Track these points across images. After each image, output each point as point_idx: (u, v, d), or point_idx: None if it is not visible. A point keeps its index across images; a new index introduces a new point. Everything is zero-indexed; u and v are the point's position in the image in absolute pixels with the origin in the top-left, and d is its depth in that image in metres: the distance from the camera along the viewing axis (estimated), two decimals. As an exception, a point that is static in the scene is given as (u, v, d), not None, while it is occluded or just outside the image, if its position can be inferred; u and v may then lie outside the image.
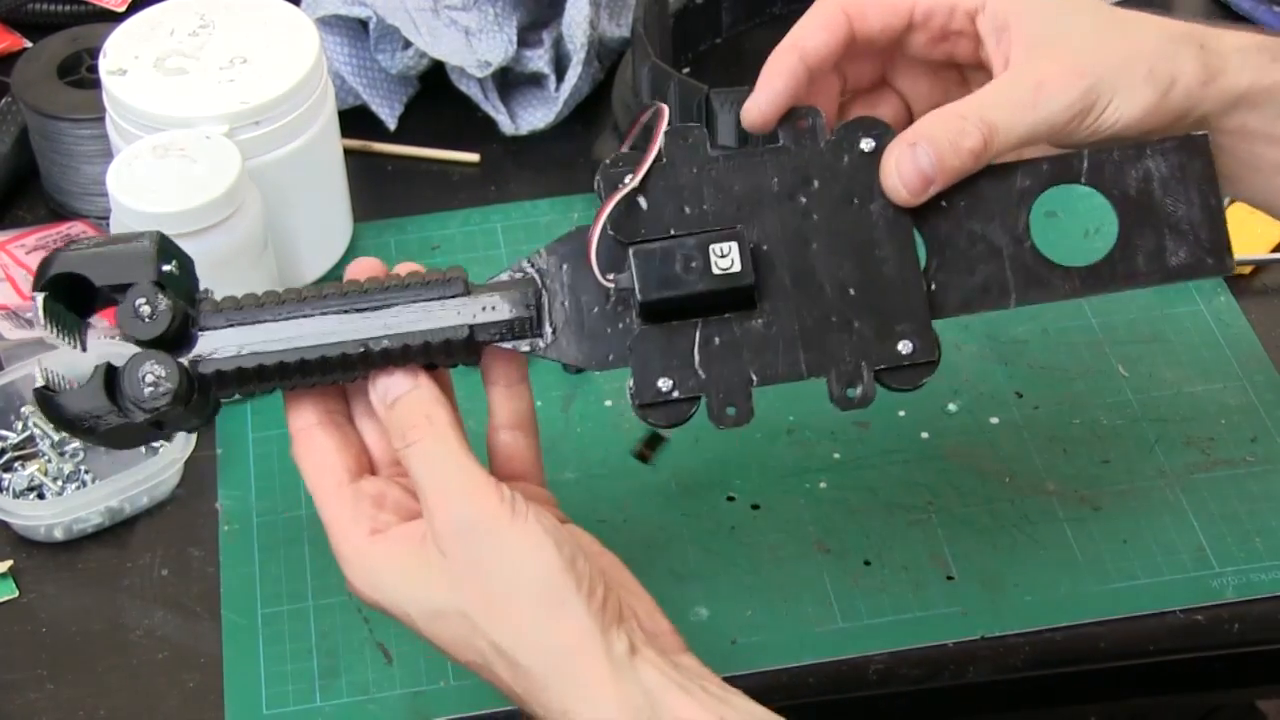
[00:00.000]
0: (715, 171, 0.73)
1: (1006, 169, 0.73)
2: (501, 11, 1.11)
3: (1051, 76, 0.73)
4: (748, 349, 0.72)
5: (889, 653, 0.85)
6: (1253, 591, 0.87)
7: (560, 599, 0.67)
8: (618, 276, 0.71)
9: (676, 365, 0.71)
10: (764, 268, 0.72)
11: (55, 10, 1.23)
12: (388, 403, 0.71)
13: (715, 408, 0.72)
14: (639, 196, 0.73)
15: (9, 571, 0.89)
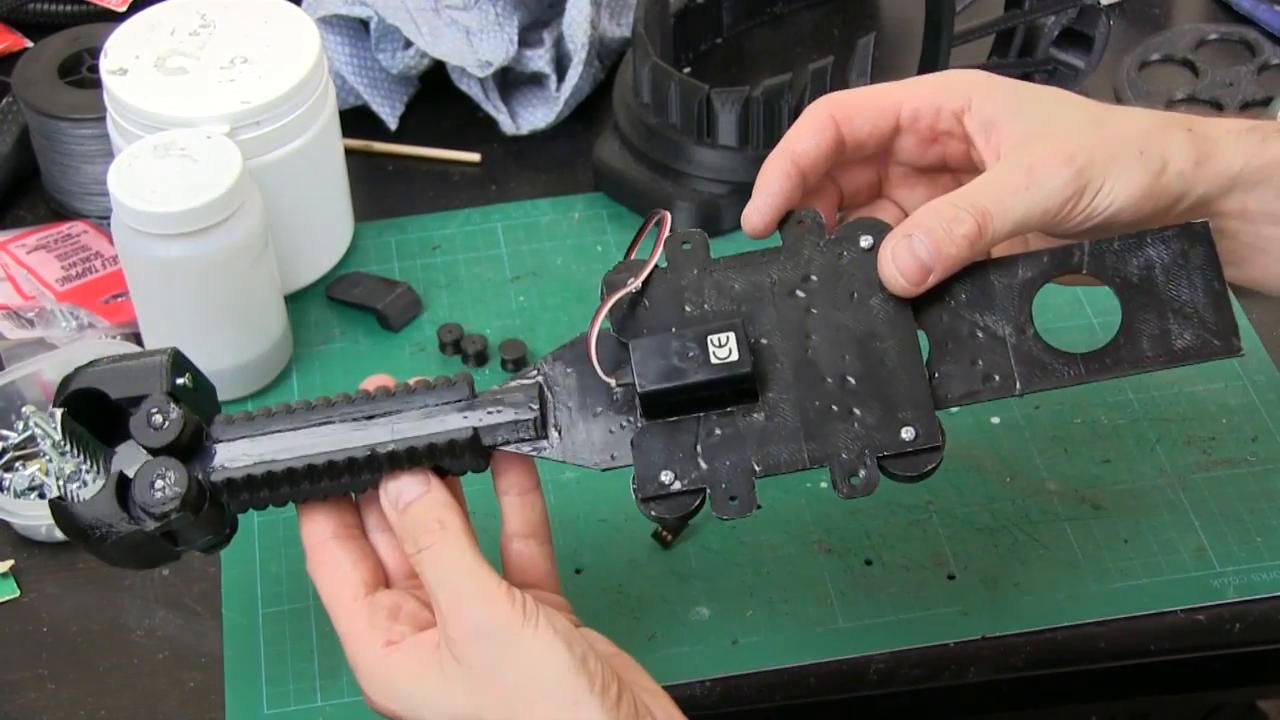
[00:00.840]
0: (716, 273, 0.73)
1: (1008, 260, 0.73)
2: (502, 11, 1.11)
3: (1042, 161, 0.72)
4: (750, 440, 0.71)
5: (890, 652, 0.85)
6: (1253, 591, 0.87)
7: (574, 699, 0.67)
8: (620, 374, 0.72)
9: (679, 459, 0.71)
10: (765, 360, 0.72)
11: (56, 10, 1.23)
12: (399, 507, 0.71)
13: (718, 499, 0.71)
14: (643, 299, 0.73)
15: (10, 571, 0.89)
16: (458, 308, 1.03)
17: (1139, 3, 1.26)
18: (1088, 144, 0.72)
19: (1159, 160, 0.72)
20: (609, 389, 0.72)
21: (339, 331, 1.02)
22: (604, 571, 0.88)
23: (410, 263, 1.06)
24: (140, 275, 0.94)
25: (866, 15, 1.25)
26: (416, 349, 1.01)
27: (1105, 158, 0.72)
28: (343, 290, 1.03)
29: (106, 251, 1.05)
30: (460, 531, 0.70)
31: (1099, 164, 0.72)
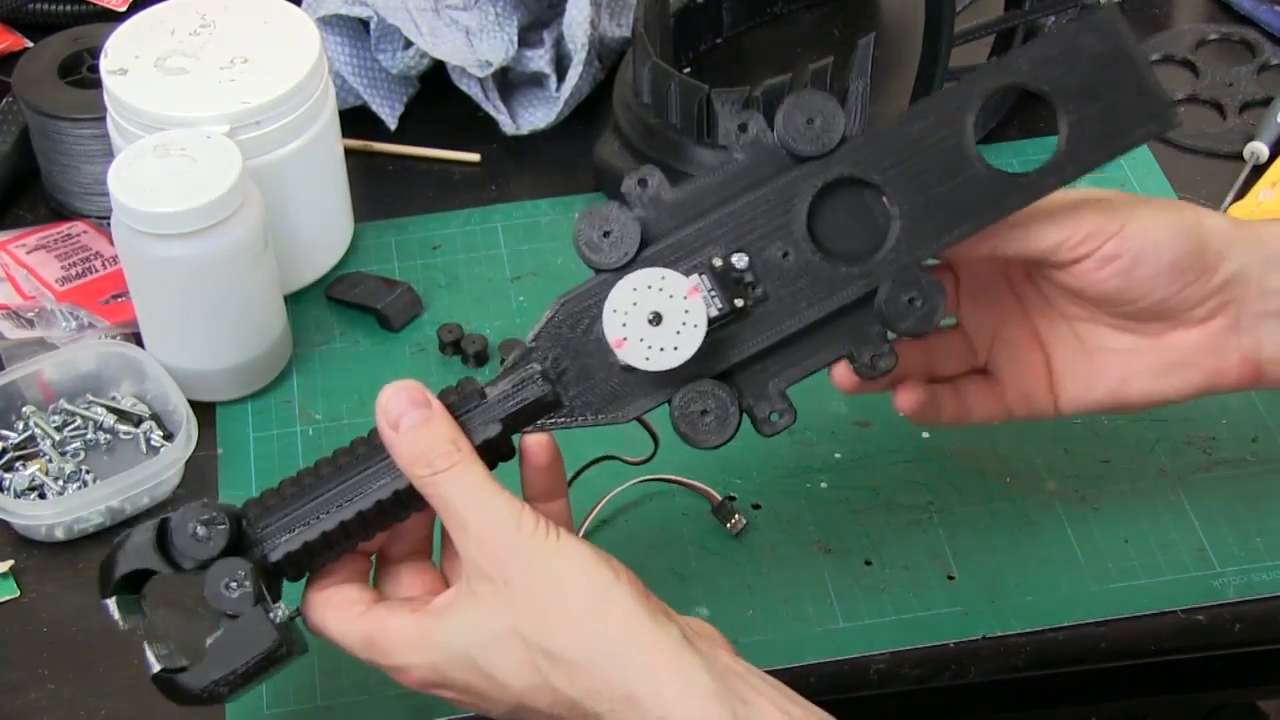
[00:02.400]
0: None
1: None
2: (502, 11, 1.11)
3: (1068, 199, 0.74)
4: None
5: (890, 652, 0.85)
6: (1254, 591, 0.87)
7: (603, 592, 0.69)
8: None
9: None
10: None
11: (56, 10, 1.23)
12: (403, 428, 0.71)
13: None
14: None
15: (10, 571, 0.89)
16: (458, 308, 1.03)
17: (1139, 3, 1.25)
18: (1115, 194, 0.76)
19: (1194, 215, 0.74)
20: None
21: (339, 331, 1.02)
22: (604, 571, 0.88)
23: (410, 263, 1.06)
24: (140, 275, 0.94)
25: (866, 15, 1.25)
26: (416, 349, 1.01)
27: (1135, 200, 0.75)
28: (343, 290, 1.03)
29: (106, 251, 1.05)
30: (474, 455, 0.71)
31: (1127, 202, 0.74)
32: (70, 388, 0.96)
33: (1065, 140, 0.74)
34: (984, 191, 0.73)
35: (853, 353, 0.75)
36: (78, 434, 0.95)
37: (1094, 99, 0.74)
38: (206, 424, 0.96)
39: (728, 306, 0.73)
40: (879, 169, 0.74)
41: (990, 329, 0.80)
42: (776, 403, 0.75)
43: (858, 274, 0.73)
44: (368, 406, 0.96)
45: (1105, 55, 0.74)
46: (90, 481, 0.92)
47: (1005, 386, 0.80)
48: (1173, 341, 0.76)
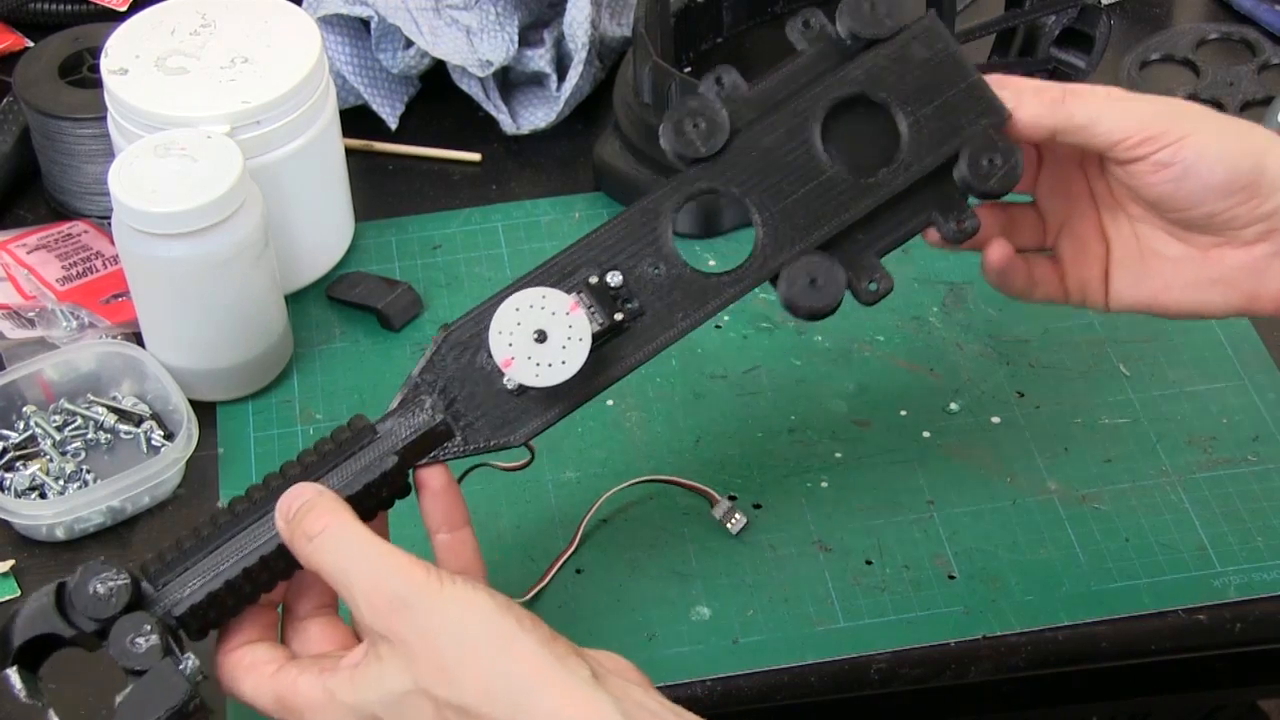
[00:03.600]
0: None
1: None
2: (503, 11, 1.11)
3: (1144, 97, 0.77)
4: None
5: (890, 652, 0.85)
6: (1254, 591, 0.87)
7: (506, 639, 0.66)
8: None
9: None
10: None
11: (57, 10, 1.23)
12: (290, 515, 0.71)
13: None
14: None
15: (10, 571, 0.89)
16: (458, 307, 1.03)
17: (1139, 2, 1.26)
18: (1194, 106, 0.77)
19: (1261, 142, 0.76)
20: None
21: (339, 331, 1.02)
22: (604, 571, 0.88)
23: (411, 262, 1.06)
24: (141, 275, 0.94)
25: (867, 15, 1.25)
26: (417, 348, 1.01)
27: (1209, 116, 0.77)
28: (343, 290, 1.03)
29: (107, 251, 1.05)
30: (354, 518, 0.70)
31: (1201, 116, 0.76)
32: (71, 387, 0.96)
33: (907, 140, 0.77)
34: (838, 194, 0.77)
35: (938, 219, 0.78)
36: (78, 434, 0.95)
37: (927, 101, 0.77)
38: (207, 424, 0.96)
39: (608, 321, 0.75)
40: (737, 183, 0.77)
41: (1062, 214, 0.83)
42: (874, 271, 0.77)
43: (728, 281, 0.76)
44: (368, 406, 0.97)
45: (933, 60, 0.78)
46: (91, 481, 0.92)
47: (1067, 271, 0.83)
48: (1218, 257, 0.78)
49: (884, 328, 1.00)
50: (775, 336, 1.00)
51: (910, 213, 0.78)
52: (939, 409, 0.96)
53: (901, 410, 0.96)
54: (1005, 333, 1.00)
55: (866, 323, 1.01)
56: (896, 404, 0.96)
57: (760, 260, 0.76)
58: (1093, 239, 0.82)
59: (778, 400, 0.96)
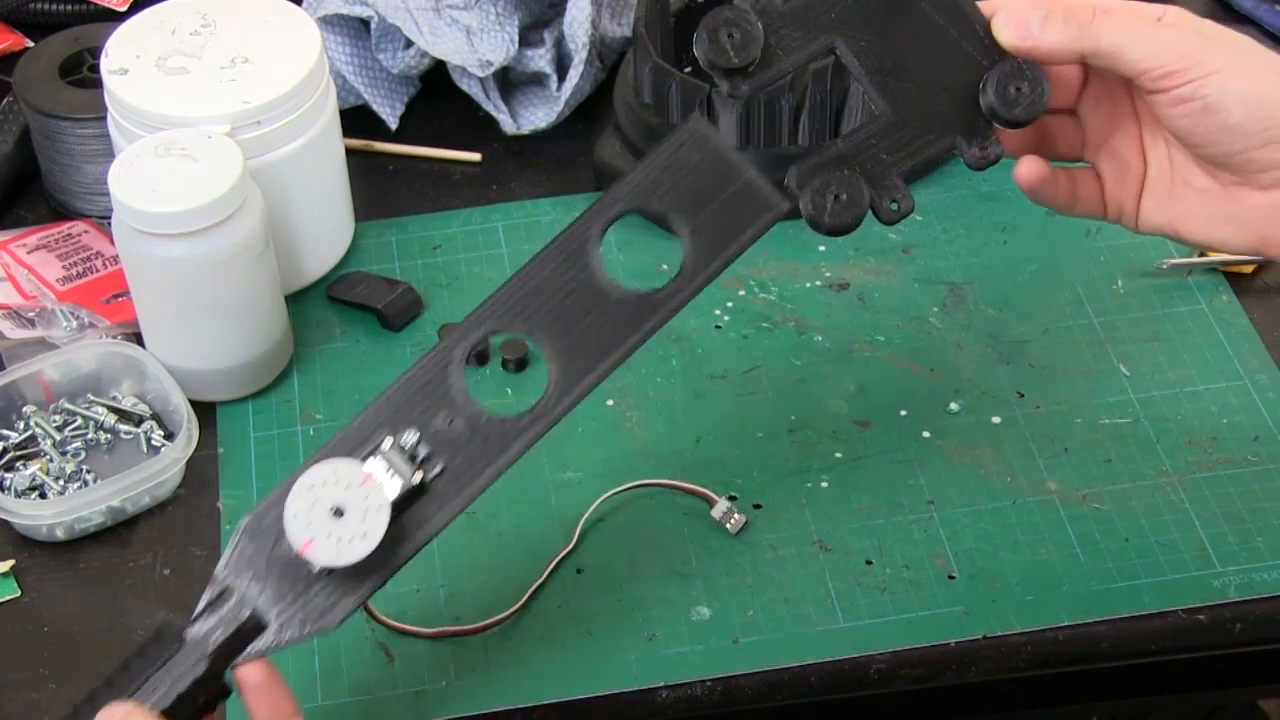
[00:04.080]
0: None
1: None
2: (503, 11, 1.11)
3: (1177, 28, 0.76)
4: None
5: (890, 652, 0.85)
6: (1254, 591, 0.87)
7: None
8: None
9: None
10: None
11: (57, 10, 1.23)
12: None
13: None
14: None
15: (11, 571, 0.89)
16: (459, 307, 1.03)
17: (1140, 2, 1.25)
18: (1233, 43, 0.76)
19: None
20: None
21: (340, 331, 1.02)
22: (604, 571, 0.88)
23: (411, 262, 1.06)
24: (141, 275, 0.94)
25: (867, 15, 1.25)
26: (417, 349, 1.01)
27: (1240, 54, 0.76)
28: (343, 290, 1.03)
29: (107, 251, 1.05)
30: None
31: (1231, 54, 0.75)
32: (71, 387, 0.96)
33: (689, 248, 0.76)
34: (626, 316, 0.76)
35: (962, 144, 0.77)
36: (78, 434, 0.95)
37: (704, 205, 0.77)
38: (207, 423, 0.96)
39: (408, 483, 0.73)
40: (523, 318, 0.76)
41: (1104, 129, 0.82)
42: (896, 191, 0.76)
43: (526, 423, 0.75)
44: (368, 406, 0.97)
45: (705, 162, 0.77)
46: (91, 481, 0.92)
47: (1105, 188, 0.82)
48: (1236, 195, 0.78)
49: (884, 328, 1.00)
50: (775, 336, 1.00)
51: (935, 135, 0.77)
52: (939, 409, 0.96)
53: (901, 410, 0.96)
54: (1005, 333, 1.00)
55: (867, 323, 1.01)
56: (896, 404, 0.96)
57: (555, 397, 0.75)
58: (1133, 157, 0.81)
59: (778, 400, 0.96)
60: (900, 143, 0.77)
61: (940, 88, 0.77)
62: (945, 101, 0.77)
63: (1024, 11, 0.77)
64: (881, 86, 0.77)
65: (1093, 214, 0.83)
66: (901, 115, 0.77)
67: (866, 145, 0.77)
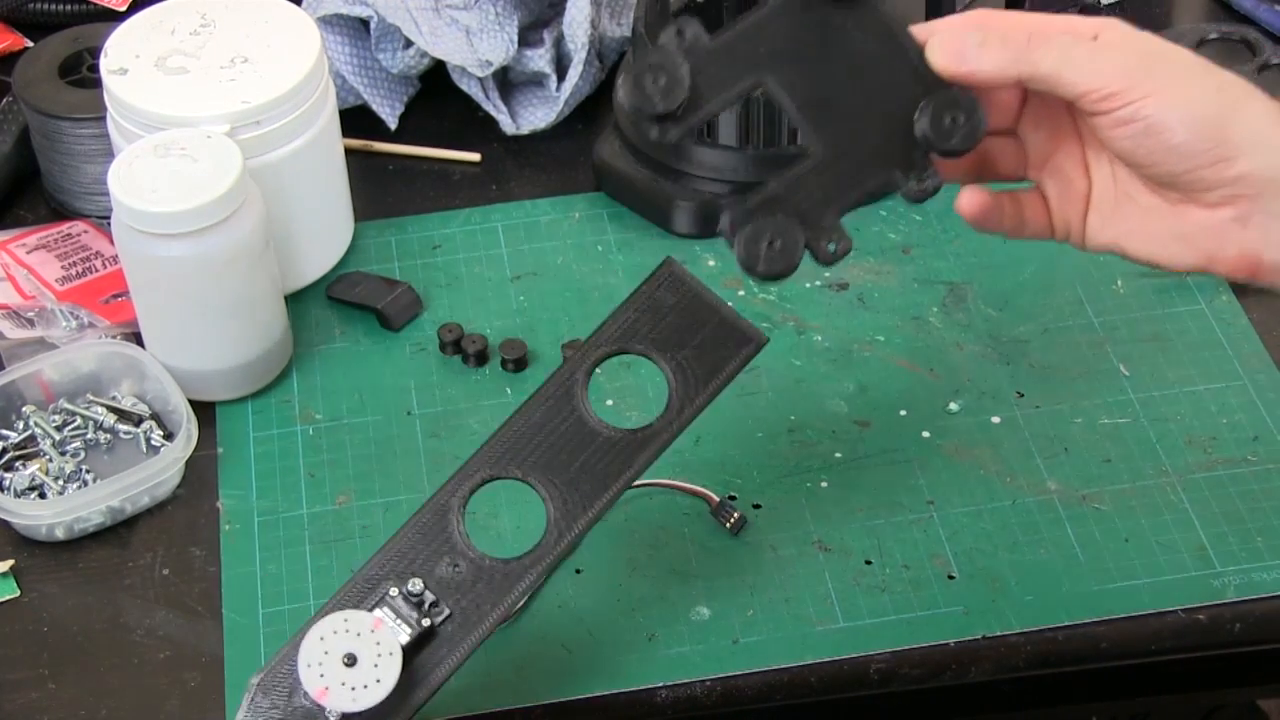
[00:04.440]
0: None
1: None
2: (502, 11, 1.11)
3: (1119, 46, 0.74)
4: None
5: (890, 652, 0.85)
6: (1254, 591, 0.87)
7: None
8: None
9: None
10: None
11: (56, 10, 1.23)
12: None
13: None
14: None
15: (10, 571, 0.89)
16: (458, 307, 1.03)
17: (1140, 2, 1.25)
18: (1172, 60, 0.74)
19: (1227, 105, 0.73)
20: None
21: (339, 331, 1.02)
22: (604, 571, 0.88)
23: (410, 262, 1.06)
24: (140, 275, 0.94)
25: (867, 15, 1.25)
26: (417, 349, 1.01)
27: (1181, 72, 0.74)
28: (343, 290, 1.03)
29: (107, 251, 1.05)
30: None
31: (1171, 72, 0.73)
32: (70, 387, 0.96)
33: (673, 386, 0.78)
34: (618, 455, 0.77)
35: (899, 178, 0.76)
36: (78, 433, 0.95)
37: (685, 343, 0.79)
38: (206, 423, 0.96)
39: (417, 629, 0.74)
40: (518, 463, 0.77)
41: (1046, 148, 0.80)
42: (833, 232, 0.75)
43: (529, 563, 0.76)
44: (368, 406, 0.97)
45: (681, 303, 0.79)
46: (90, 481, 0.92)
47: (1053, 208, 0.81)
48: (1182, 213, 0.76)
49: (884, 328, 1.00)
50: (775, 336, 1.00)
51: (871, 170, 0.75)
52: (939, 409, 0.96)
53: (901, 410, 0.96)
54: (1005, 333, 1.00)
55: (866, 323, 1.01)
56: (896, 404, 0.96)
57: (555, 535, 0.76)
58: (1077, 175, 0.79)
59: (778, 400, 0.96)
60: (835, 180, 0.75)
61: (874, 120, 0.75)
62: (880, 134, 0.75)
63: (959, 37, 0.75)
64: (814, 121, 0.75)
65: (1041, 235, 0.81)
66: (835, 151, 0.75)
67: (801, 184, 0.75)
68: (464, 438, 0.95)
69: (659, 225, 1.07)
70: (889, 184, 0.76)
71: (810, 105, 0.75)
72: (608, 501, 0.77)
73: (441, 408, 0.97)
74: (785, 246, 0.73)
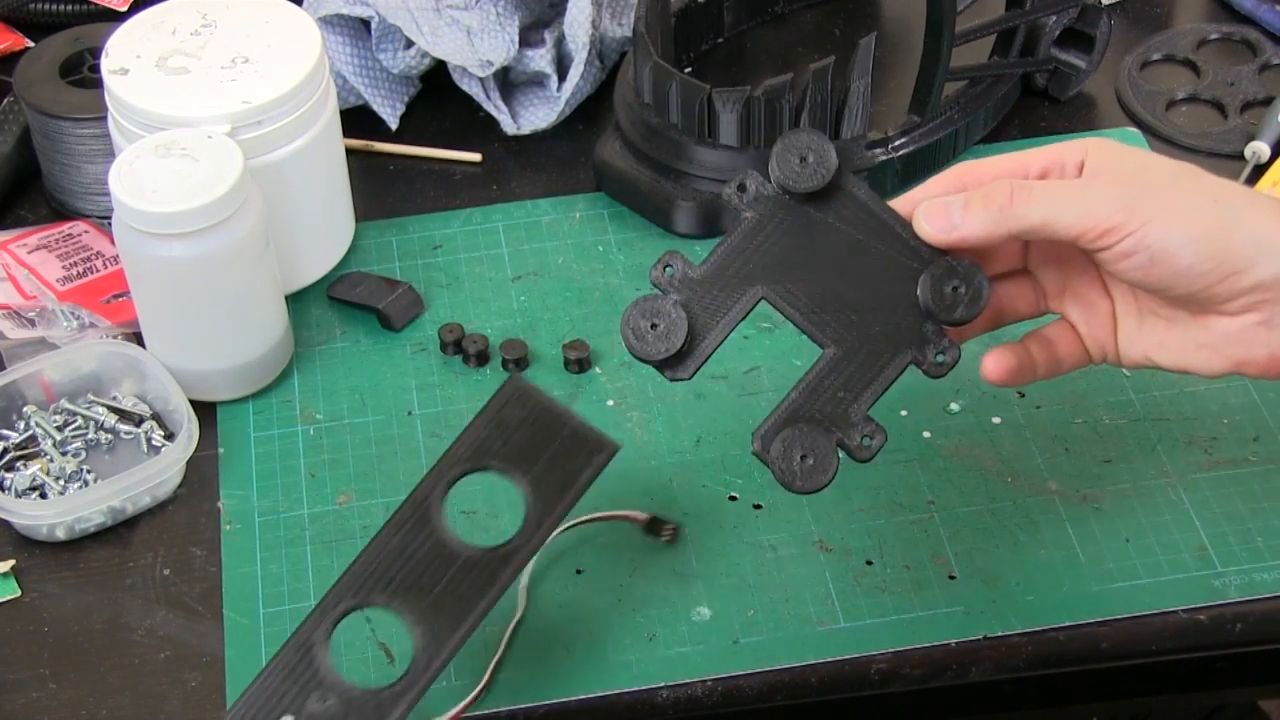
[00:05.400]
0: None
1: None
2: (503, 11, 1.11)
3: (1106, 178, 0.74)
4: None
5: (891, 652, 0.85)
6: (1255, 591, 0.87)
7: None
8: None
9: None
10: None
11: (57, 10, 1.23)
12: None
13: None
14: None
15: (11, 571, 0.89)
16: (459, 307, 1.03)
17: (1140, 2, 1.26)
18: (1161, 179, 0.74)
19: (1227, 219, 0.73)
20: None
21: (340, 331, 1.02)
22: (604, 571, 0.88)
23: (411, 262, 1.06)
24: (141, 275, 0.94)
25: (868, 15, 1.25)
26: (417, 349, 1.01)
27: (1173, 191, 0.73)
28: (344, 290, 1.03)
29: (108, 251, 1.05)
30: None
31: (1163, 194, 0.73)
32: (71, 387, 0.96)
33: (531, 499, 0.78)
34: (479, 573, 0.77)
35: (917, 357, 0.76)
36: (79, 434, 0.95)
37: (537, 457, 0.79)
38: (207, 423, 0.96)
39: None
40: (380, 591, 0.77)
41: (1061, 280, 0.80)
42: (864, 427, 0.76)
43: (400, 690, 0.75)
44: (369, 406, 0.97)
45: (529, 417, 0.79)
46: (91, 481, 0.92)
47: (1083, 334, 0.81)
48: (1206, 324, 0.76)
49: (884, 328, 1.00)
50: (776, 337, 1.00)
51: (887, 357, 0.76)
52: (939, 409, 0.96)
53: (902, 410, 0.96)
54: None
55: (867, 323, 1.01)
56: (897, 404, 0.96)
57: (425, 661, 0.76)
58: (1098, 296, 0.80)
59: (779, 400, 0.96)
60: (854, 376, 0.76)
61: (879, 305, 0.76)
62: (887, 319, 0.76)
63: (942, 205, 0.75)
64: (819, 324, 0.77)
65: (1080, 364, 0.81)
66: (847, 348, 0.76)
67: (821, 388, 0.76)
68: (465, 438, 0.95)
69: (660, 225, 1.07)
70: (908, 364, 0.76)
71: (813, 308, 0.77)
72: (473, 623, 0.76)
73: (442, 408, 0.97)
74: (819, 460, 0.75)
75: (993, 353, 0.79)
